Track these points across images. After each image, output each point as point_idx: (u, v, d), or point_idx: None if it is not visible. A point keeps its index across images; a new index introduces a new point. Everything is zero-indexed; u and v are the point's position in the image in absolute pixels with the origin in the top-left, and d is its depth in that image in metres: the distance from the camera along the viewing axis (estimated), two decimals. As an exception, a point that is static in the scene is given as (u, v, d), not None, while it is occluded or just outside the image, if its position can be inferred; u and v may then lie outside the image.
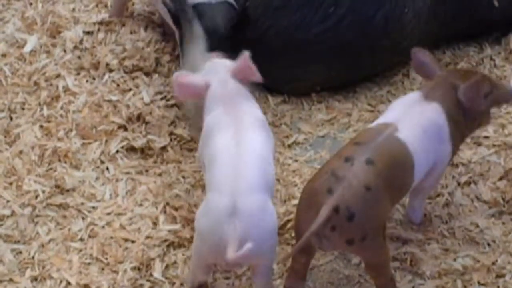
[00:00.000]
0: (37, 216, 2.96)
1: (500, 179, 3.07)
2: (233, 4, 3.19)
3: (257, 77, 2.81)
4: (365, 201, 2.50)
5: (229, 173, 2.53)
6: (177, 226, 2.92)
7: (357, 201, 2.49)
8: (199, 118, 2.88)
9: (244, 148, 2.59)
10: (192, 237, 2.87)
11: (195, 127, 3.08)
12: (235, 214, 2.46)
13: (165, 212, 2.97)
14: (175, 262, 2.84)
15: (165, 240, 2.88)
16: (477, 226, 2.94)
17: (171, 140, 3.17)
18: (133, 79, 3.37)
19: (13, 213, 2.95)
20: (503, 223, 2.95)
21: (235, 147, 2.58)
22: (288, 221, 2.94)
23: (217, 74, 2.81)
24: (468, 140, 3.18)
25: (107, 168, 3.10)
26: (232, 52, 2.99)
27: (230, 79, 2.79)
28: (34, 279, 2.80)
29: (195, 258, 2.63)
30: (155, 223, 2.94)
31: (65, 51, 3.45)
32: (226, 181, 2.52)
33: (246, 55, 2.80)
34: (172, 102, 3.29)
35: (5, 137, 3.18)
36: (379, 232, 2.56)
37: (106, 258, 2.85)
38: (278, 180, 3.08)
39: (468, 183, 3.07)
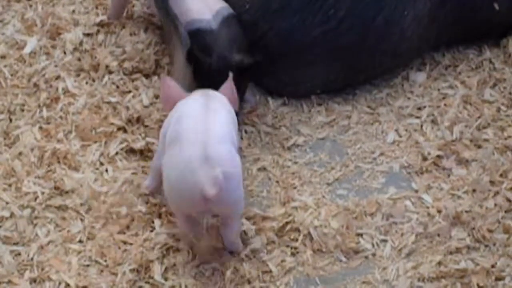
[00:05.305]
0: (36, 217, 2.96)
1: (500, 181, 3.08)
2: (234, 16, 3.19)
3: (235, 105, 2.94)
4: None
5: (198, 127, 2.69)
6: (175, 229, 2.91)
7: None
8: None
9: (212, 112, 2.76)
10: (190, 241, 2.88)
11: None
12: (207, 160, 2.60)
13: (163, 215, 2.97)
14: (174, 265, 2.84)
15: (165, 244, 2.88)
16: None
17: (170, 142, 3.17)
18: (133, 81, 3.37)
19: (12, 214, 2.95)
20: (503, 225, 2.95)
21: (203, 112, 2.76)
22: (287, 223, 2.94)
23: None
24: (467, 142, 3.19)
25: (106, 170, 3.10)
26: None
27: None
28: (33, 280, 2.80)
29: (174, 210, 2.79)
30: (153, 226, 2.94)
31: (64, 52, 3.45)
32: (196, 133, 2.68)
33: (229, 79, 2.93)
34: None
35: (4, 138, 3.18)
36: None
37: (105, 260, 2.85)
38: (277, 182, 3.09)
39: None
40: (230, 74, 2.94)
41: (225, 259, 2.84)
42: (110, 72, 3.38)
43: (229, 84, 2.95)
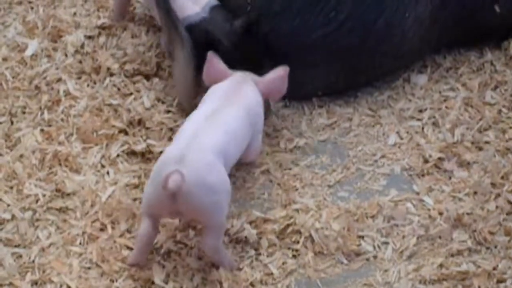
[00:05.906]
0: (37, 220, 2.96)
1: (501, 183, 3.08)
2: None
3: (277, 97, 3.13)
4: None
5: (188, 134, 2.78)
6: (176, 232, 2.91)
7: None
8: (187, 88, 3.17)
9: (214, 118, 2.84)
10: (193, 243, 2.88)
11: (183, 98, 3.23)
12: (181, 162, 2.66)
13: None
14: (175, 267, 2.84)
15: (166, 247, 2.88)
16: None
17: (171, 144, 3.17)
18: (134, 83, 3.37)
19: (13, 217, 2.95)
20: (504, 228, 2.95)
21: (207, 116, 2.85)
22: (288, 225, 2.94)
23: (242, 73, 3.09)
24: (469, 144, 3.19)
25: (108, 172, 3.10)
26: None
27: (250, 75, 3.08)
28: (35, 283, 2.80)
29: (142, 204, 2.80)
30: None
31: (66, 55, 3.45)
32: (184, 139, 2.77)
33: (283, 69, 3.06)
34: (172, 107, 3.29)
35: (5, 141, 3.18)
36: None
37: (106, 263, 2.85)
38: (278, 184, 3.09)
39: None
40: (286, 67, 3.05)
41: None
42: (112, 75, 3.38)
43: (278, 74, 3.07)
